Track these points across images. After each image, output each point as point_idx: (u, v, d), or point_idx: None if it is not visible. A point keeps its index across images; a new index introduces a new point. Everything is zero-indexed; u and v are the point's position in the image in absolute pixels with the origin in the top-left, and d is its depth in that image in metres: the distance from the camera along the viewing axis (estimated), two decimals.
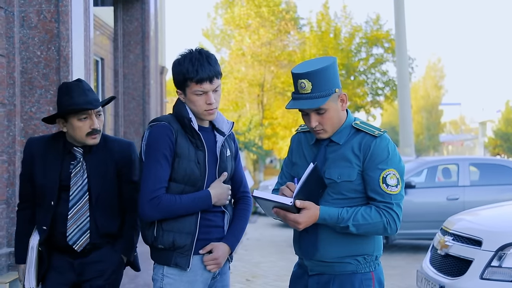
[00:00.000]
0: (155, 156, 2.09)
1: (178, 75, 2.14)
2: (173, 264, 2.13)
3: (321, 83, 1.99)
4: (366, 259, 2.06)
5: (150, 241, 2.15)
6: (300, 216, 1.96)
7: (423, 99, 45.14)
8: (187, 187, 2.12)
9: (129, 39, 8.47)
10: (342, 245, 2.04)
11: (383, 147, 2.02)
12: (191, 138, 2.14)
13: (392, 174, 2.00)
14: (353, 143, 2.04)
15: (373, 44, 22.19)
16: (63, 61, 4.40)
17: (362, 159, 2.01)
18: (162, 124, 2.13)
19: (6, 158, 4.32)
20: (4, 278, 3.96)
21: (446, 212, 5.83)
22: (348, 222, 1.97)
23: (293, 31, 22.67)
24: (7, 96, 4.33)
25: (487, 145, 40.10)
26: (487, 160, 9.37)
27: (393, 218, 1.99)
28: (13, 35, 4.35)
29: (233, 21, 22.51)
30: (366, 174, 2.01)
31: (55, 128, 4.43)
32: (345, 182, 2.02)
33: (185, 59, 2.13)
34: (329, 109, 2.02)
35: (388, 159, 2.01)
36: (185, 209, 2.10)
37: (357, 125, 2.07)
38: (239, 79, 22.14)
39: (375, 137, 2.02)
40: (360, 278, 2.05)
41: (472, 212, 4.32)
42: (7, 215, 4.31)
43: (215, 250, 2.15)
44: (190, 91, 2.13)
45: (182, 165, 2.11)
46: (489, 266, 3.25)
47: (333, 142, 2.08)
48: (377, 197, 2.00)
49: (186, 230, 2.11)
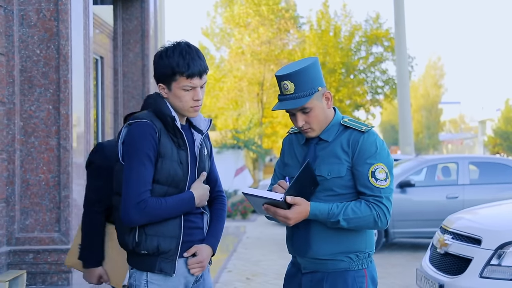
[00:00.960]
0: (138, 156, 1.98)
1: (164, 68, 2.01)
2: (158, 270, 2.02)
3: (303, 83, 2.03)
4: (358, 256, 2.08)
5: (131, 247, 2.02)
6: (290, 212, 1.98)
7: (422, 98, 45.15)
8: (170, 189, 2.03)
9: (128, 38, 8.46)
10: (334, 242, 2.06)
11: (371, 142, 2.06)
12: (173, 137, 2.04)
13: (380, 168, 2.03)
14: (342, 139, 2.08)
15: (373, 42, 22.19)
16: (63, 59, 4.39)
17: (351, 155, 2.05)
18: (144, 123, 2.01)
19: (5, 156, 4.32)
20: (4, 276, 3.96)
21: (445, 211, 5.84)
22: (339, 217, 2.00)
23: (293, 30, 22.66)
24: (6, 94, 4.33)
25: (487, 144, 40.11)
26: (486, 158, 9.37)
27: (383, 211, 2.02)
28: (12, 34, 4.34)
29: (233, 20, 22.49)
30: (355, 169, 2.05)
31: (54, 127, 4.44)
32: (335, 178, 2.05)
33: (174, 51, 2.01)
34: (314, 108, 2.06)
35: (376, 153, 2.05)
36: (170, 212, 2.01)
37: (345, 122, 2.11)
38: (238, 77, 22.13)
39: (362, 133, 2.07)
40: (353, 275, 2.07)
41: (472, 210, 4.32)
42: (7, 214, 4.31)
43: (199, 253, 2.07)
44: (177, 85, 2.02)
45: (165, 166, 2.01)
46: (489, 265, 3.25)
47: (322, 140, 2.11)
48: (366, 191, 2.03)
49: (170, 234, 2.02)
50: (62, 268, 4.31)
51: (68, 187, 4.37)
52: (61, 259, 4.30)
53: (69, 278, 4.33)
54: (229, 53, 23.30)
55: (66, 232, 4.35)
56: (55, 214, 4.36)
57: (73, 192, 4.43)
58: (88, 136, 4.82)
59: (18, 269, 4.23)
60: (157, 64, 2.06)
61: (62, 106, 4.38)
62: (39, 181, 4.36)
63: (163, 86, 2.05)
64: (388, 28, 22.15)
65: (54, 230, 4.35)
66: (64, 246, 4.33)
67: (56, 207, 4.36)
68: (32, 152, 4.37)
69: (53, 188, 4.36)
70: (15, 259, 4.28)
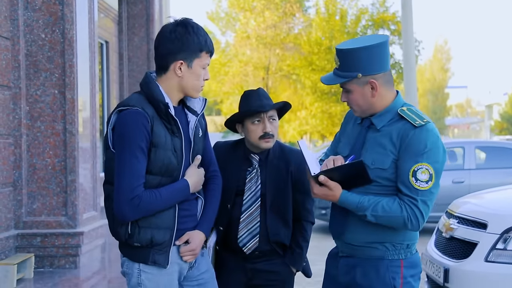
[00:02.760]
0: (130, 148, 1.88)
1: (193, 44, 1.94)
2: (151, 262, 1.96)
3: (347, 64, 1.97)
4: (395, 246, 2.00)
5: (124, 239, 1.96)
6: (317, 188, 1.97)
7: (429, 82, 44.85)
8: (164, 179, 1.95)
9: (133, 22, 8.42)
10: (370, 231, 1.99)
11: (421, 139, 1.91)
12: (166, 124, 1.94)
13: (424, 169, 1.90)
14: (393, 130, 1.96)
15: (379, 26, 21.98)
16: (68, 43, 4.38)
17: (398, 148, 1.94)
18: (135, 111, 1.89)
19: (12, 141, 4.34)
20: (12, 259, 4.01)
21: (451, 195, 5.82)
22: (367, 212, 1.93)
23: (299, 14, 22.47)
24: (12, 79, 4.33)
25: (493, 128, 39.91)
26: (492, 143, 9.32)
27: (415, 214, 1.91)
28: (17, 18, 4.33)
29: (238, 4, 22.32)
30: (399, 164, 1.93)
31: (60, 112, 4.44)
32: (378, 169, 1.95)
33: (198, 28, 1.97)
34: (353, 91, 1.99)
35: (424, 152, 1.91)
36: (165, 204, 1.93)
37: (402, 112, 1.98)
38: (244, 62, 22.03)
39: (414, 127, 1.92)
40: (386, 265, 1.99)
41: (478, 195, 4.31)
42: (14, 198, 4.35)
43: (192, 240, 2.01)
44: (200, 62, 1.96)
45: (159, 156, 1.92)
46: (494, 249, 3.25)
47: (374, 125, 2.02)
48: (404, 189, 1.92)
49: (164, 225, 1.95)
50: (69, 252, 4.36)
51: (74, 171, 4.39)
52: (68, 243, 4.34)
53: (76, 261, 4.38)
54: (234, 38, 23.17)
55: (73, 216, 4.38)
56: (62, 198, 4.39)
57: (80, 176, 4.45)
58: (94, 120, 4.83)
59: (26, 252, 4.28)
60: (184, 39, 1.94)
61: (68, 91, 4.39)
62: (45, 166, 4.38)
63: (183, 63, 1.95)
64: (394, 12, 21.92)
65: (61, 214, 4.39)
66: (71, 229, 4.36)
67: (63, 191, 4.39)
68: (38, 137, 4.39)
69: (60, 172, 4.38)
70: (23, 242, 4.32)
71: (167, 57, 1.97)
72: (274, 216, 2.38)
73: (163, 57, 1.98)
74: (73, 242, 4.35)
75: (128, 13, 8.50)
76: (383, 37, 1.98)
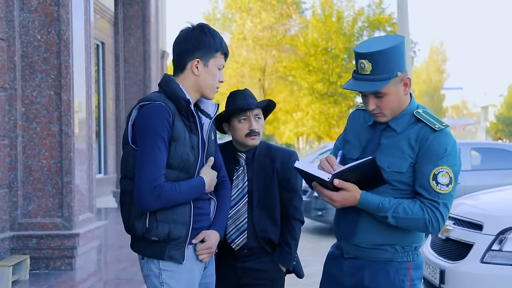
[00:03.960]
0: (153, 139, 1.92)
1: (210, 44, 2.02)
2: (167, 257, 1.99)
3: (382, 65, 1.88)
4: (404, 248, 1.99)
5: (141, 233, 1.98)
6: (336, 194, 1.91)
7: (425, 83, 44.98)
8: (181, 174, 1.99)
9: (129, 23, 8.42)
10: (381, 233, 1.97)
11: (441, 143, 1.90)
12: (185, 121, 1.99)
13: (445, 172, 1.90)
14: (411, 133, 1.94)
15: (375, 28, 22.04)
16: (64, 45, 4.37)
17: (417, 152, 1.92)
18: (158, 105, 1.95)
19: (8, 142, 4.32)
20: (8, 261, 3.99)
21: None
22: (388, 213, 1.90)
23: (295, 15, 22.52)
24: (8, 80, 4.32)
25: (489, 130, 40.03)
26: (488, 144, 9.35)
27: (436, 217, 1.91)
28: (13, 19, 4.32)
29: (235, 5, 22.34)
30: (418, 168, 1.91)
31: (56, 113, 4.43)
32: (394, 173, 1.93)
33: (214, 31, 2.06)
34: (389, 93, 1.92)
35: (444, 156, 1.90)
36: (183, 198, 1.97)
37: (419, 114, 1.96)
38: (240, 63, 22.05)
39: (434, 131, 1.91)
40: (396, 267, 1.98)
41: (473, 196, 4.32)
42: (10, 199, 4.33)
43: (208, 239, 2.05)
44: (215, 63, 2.03)
45: (178, 150, 1.96)
46: (490, 250, 3.25)
47: (390, 128, 1.97)
48: (424, 193, 1.91)
49: (181, 220, 1.98)
50: (65, 253, 4.34)
51: (70, 172, 4.38)
52: (64, 244, 4.33)
53: (72, 263, 4.36)
54: (230, 39, 23.18)
55: (68, 218, 4.37)
56: (58, 200, 4.37)
57: (75, 178, 4.44)
58: (90, 121, 4.82)
59: (22, 254, 4.26)
60: (201, 39, 2.02)
61: (64, 92, 4.38)
62: (41, 167, 4.37)
63: (200, 61, 2.02)
64: (390, 13, 22.00)
65: (57, 216, 4.37)
66: (67, 231, 4.35)
67: (58, 192, 4.37)
68: (34, 138, 4.37)
69: (55, 173, 4.37)
70: (18, 244, 4.30)
71: (184, 56, 2.04)
72: (261, 212, 2.41)
73: (180, 57, 2.05)
74: (69, 244, 4.33)
75: (124, 14, 8.49)
76: (400, 37, 1.95)
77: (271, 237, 2.44)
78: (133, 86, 8.60)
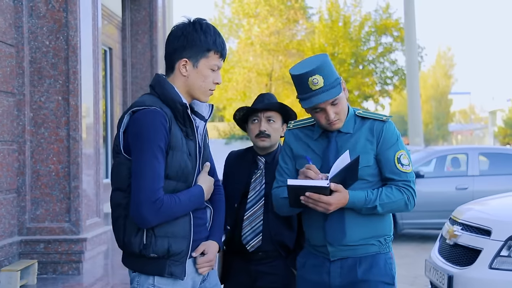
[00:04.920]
0: (150, 149, 1.76)
1: (199, 42, 1.84)
2: (168, 274, 1.83)
3: (330, 75, 2.07)
4: (386, 239, 2.17)
5: (137, 250, 1.82)
6: (332, 198, 2.01)
7: (432, 88, 44.81)
8: (179, 184, 1.84)
9: (137, 29, 8.46)
10: (366, 227, 2.12)
11: (393, 131, 2.16)
12: (181, 126, 1.85)
13: (404, 155, 2.14)
14: (363, 130, 2.15)
15: (382, 33, 22.02)
16: (72, 50, 4.40)
17: (376, 143, 2.13)
18: (153, 110, 1.78)
19: (16, 147, 4.35)
20: (16, 265, 4.01)
21: (455, 202, 5.81)
22: (376, 202, 2.07)
23: (302, 20, 22.54)
24: (16, 85, 4.35)
25: (497, 135, 39.80)
26: (496, 149, 9.29)
27: (411, 194, 2.13)
28: (22, 25, 4.36)
29: (242, 10, 22.41)
30: (381, 156, 2.13)
31: (64, 118, 4.46)
32: (365, 168, 2.10)
33: (209, 26, 1.87)
34: (341, 98, 2.10)
35: (398, 141, 2.15)
36: (183, 210, 1.83)
37: (361, 114, 2.18)
38: (247, 68, 22.08)
39: (384, 122, 2.16)
40: (383, 258, 2.15)
41: (481, 201, 4.29)
42: (18, 204, 4.35)
43: (208, 251, 1.92)
44: (207, 63, 1.86)
45: (176, 159, 1.81)
46: (498, 256, 3.23)
47: (342, 133, 2.15)
48: (394, 177, 2.12)
49: (181, 234, 1.84)
50: (72, 258, 4.36)
51: (77, 177, 4.40)
52: (71, 249, 4.34)
53: (79, 267, 4.37)
54: (237, 44, 23.23)
55: (76, 223, 4.39)
56: (65, 205, 4.39)
57: (83, 182, 4.46)
58: (97, 126, 4.85)
59: (29, 258, 4.28)
60: (190, 36, 1.85)
61: (72, 97, 4.40)
62: (49, 172, 4.39)
63: (188, 61, 1.86)
64: (397, 18, 21.95)
65: (65, 220, 4.39)
66: (74, 236, 4.36)
67: (66, 197, 4.39)
68: (42, 143, 4.40)
69: (63, 178, 4.39)
70: (26, 248, 4.32)
71: (172, 55, 1.88)
72: (277, 216, 2.39)
73: (169, 56, 1.90)
74: (76, 249, 4.35)
75: (132, 20, 8.54)
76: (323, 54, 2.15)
77: (286, 242, 2.43)
78: (140, 92, 8.63)
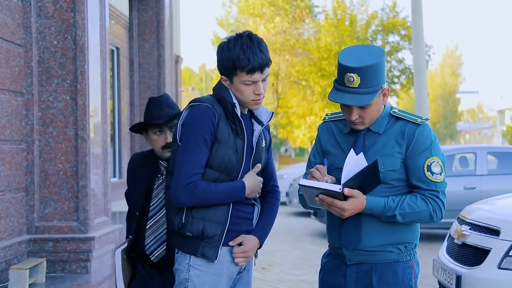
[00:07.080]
0: (195, 139, 1.97)
1: (226, 61, 1.99)
2: (200, 254, 2.01)
3: (370, 79, 1.93)
4: (407, 247, 2.05)
5: (177, 227, 2.02)
6: (346, 203, 1.93)
7: (440, 87, 44.61)
8: (222, 175, 2.01)
9: (144, 29, 8.48)
10: (384, 234, 2.01)
11: (426, 135, 2.01)
12: (231, 124, 2.01)
13: (436, 162, 1.99)
14: (394, 131, 2.02)
15: (389, 31, 21.93)
16: (80, 50, 4.42)
17: (406, 147, 2.00)
18: (205, 106, 2.00)
19: (24, 146, 4.38)
20: (25, 264, 4.04)
21: (463, 202, 5.78)
22: (395, 211, 1.96)
23: (308, 19, 22.50)
24: (25, 85, 4.38)
25: (505, 134, 39.53)
26: (505, 148, 9.24)
27: (438, 205, 1.99)
28: (30, 25, 4.38)
29: (248, 10, 22.40)
30: (410, 162, 1.99)
31: (72, 117, 4.48)
32: (389, 172, 1.99)
33: (236, 44, 1.97)
34: (372, 104, 1.98)
35: (431, 147, 2.01)
36: (218, 198, 1.99)
37: (396, 113, 2.05)
38: None
39: (418, 125, 2.01)
40: (402, 266, 2.03)
41: (490, 201, 4.27)
42: (27, 203, 4.38)
43: (245, 243, 2.04)
44: (238, 80, 1.99)
45: (220, 152, 1.98)
46: (507, 256, 3.21)
47: (372, 131, 2.04)
48: (422, 185, 1.99)
49: (217, 219, 2.00)
50: (80, 257, 4.38)
51: (85, 176, 4.42)
52: (80, 248, 4.37)
53: (87, 266, 4.39)
54: None
55: (84, 222, 4.41)
56: (74, 204, 4.41)
57: (91, 181, 4.47)
58: (105, 126, 4.86)
59: (38, 257, 4.31)
60: (219, 57, 2.03)
61: (79, 97, 4.42)
62: (57, 171, 4.41)
63: (225, 78, 2.03)
64: (405, 17, 21.86)
65: (73, 219, 4.41)
66: (82, 235, 4.38)
67: (74, 196, 4.41)
68: (50, 142, 4.42)
69: (71, 177, 4.41)
70: (35, 247, 4.35)
71: (219, 72, 2.07)
72: None
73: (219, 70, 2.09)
74: (84, 247, 4.37)
75: (139, 20, 8.56)
76: (381, 49, 2.02)
77: None
78: (147, 91, 8.65)
